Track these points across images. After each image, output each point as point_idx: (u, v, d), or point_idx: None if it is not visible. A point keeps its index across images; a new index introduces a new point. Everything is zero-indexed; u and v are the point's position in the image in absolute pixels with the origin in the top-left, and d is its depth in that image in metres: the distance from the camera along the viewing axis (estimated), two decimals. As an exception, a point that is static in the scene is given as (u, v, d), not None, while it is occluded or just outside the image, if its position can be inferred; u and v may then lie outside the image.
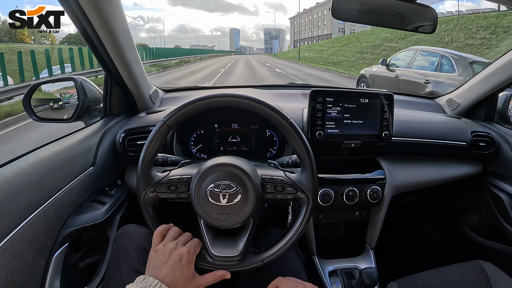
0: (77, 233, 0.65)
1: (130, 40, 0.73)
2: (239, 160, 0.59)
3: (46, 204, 0.58)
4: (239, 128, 0.89)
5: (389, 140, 0.82)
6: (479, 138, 0.95)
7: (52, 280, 0.60)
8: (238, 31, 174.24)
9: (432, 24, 0.79)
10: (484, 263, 0.84)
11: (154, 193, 0.58)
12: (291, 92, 1.13)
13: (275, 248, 0.58)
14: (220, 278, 0.57)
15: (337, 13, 0.79)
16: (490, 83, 0.97)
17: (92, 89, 0.84)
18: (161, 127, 0.57)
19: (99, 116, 0.87)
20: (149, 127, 0.81)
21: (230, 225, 0.56)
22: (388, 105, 0.81)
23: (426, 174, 0.93)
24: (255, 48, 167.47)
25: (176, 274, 0.52)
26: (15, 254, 0.50)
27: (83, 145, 0.73)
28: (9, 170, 0.55)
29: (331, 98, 0.78)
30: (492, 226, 1.03)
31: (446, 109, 1.12)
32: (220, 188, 0.55)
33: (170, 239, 0.57)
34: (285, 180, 0.59)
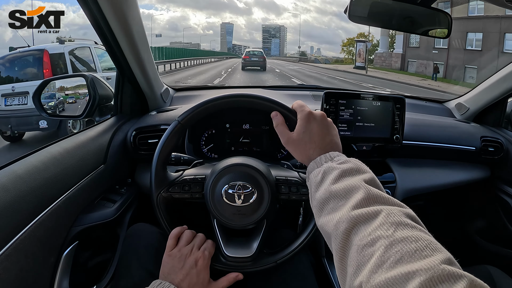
0: (87, 231, 0.64)
1: (144, 38, 0.73)
2: (254, 161, 0.59)
3: (57, 202, 0.57)
4: (250, 129, 0.89)
5: (400, 143, 0.82)
6: (488, 143, 0.95)
7: (62, 278, 0.59)
8: (231, 26, 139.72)
9: (446, 28, 0.80)
10: (491, 268, 0.84)
11: (167, 193, 0.58)
12: (302, 93, 1.13)
13: (288, 249, 0.58)
14: (234, 281, 0.57)
15: (352, 16, 0.79)
16: (500, 88, 0.97)
17: (103, 87, 0.84)
18: (176, 126, 0.56)
19: (109, 113, 0.86)
20: (160, 125, 0.81)
21: (244, 225, 0.56)
22: (400, 108, 0.80)
23: (435, 178, 0.93)
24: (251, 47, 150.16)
25: (192, 279, 0.52)
26: (26, 252, 0.49)
27: (94, 142, 0.72)
28: (21, 166, 0.54)
29: (344, 100, 0.77)
30: (499, 231, 1.03)
31: (455, 113, 1.12)
32: (235, 188, 0.55)
33: (185, 243, 0.56)
34: (300, 181, 0.59)
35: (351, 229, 0.33)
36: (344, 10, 0.75)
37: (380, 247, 0.29)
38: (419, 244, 0.28)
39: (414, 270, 0.26)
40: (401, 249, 0.28)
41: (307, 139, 0.47)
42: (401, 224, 0.31)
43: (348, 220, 0.34)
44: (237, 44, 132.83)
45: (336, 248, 0.34)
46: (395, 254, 0.28)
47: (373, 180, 0.40)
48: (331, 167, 0.42)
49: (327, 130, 0.49)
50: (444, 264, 0.26)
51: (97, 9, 0.60)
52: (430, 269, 0.25)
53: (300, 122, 0.49)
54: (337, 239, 0.34)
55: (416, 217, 0.34)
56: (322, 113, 0.50)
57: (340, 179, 0.40)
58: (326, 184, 0.40)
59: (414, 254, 0.27)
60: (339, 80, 13.91)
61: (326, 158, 0.44)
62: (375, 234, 0.31)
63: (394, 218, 0.32)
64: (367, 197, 0.36)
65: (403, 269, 0.26)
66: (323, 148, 0.46)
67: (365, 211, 0.34)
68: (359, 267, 0.30)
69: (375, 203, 0.35)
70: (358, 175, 0.40)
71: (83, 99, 0.82)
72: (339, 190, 0.38)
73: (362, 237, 0.32)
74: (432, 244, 0.29)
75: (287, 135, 0.50)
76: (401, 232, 0.30)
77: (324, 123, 0.49)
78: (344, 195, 0.37)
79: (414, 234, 0.30)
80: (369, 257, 0.30)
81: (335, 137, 0.49)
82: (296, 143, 0.48)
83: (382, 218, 0.32)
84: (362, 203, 0.35)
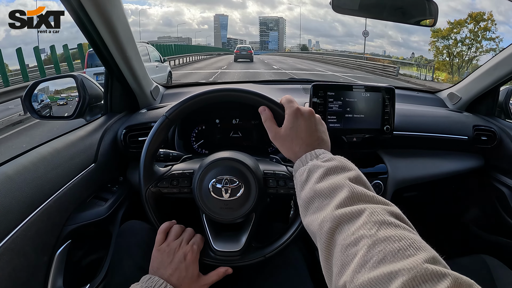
0: (80, 230, 0.64)
1: (130, 36, 0.73)
2: (241, 155, 0.59)
3: (48, 202, 0.57)
4: (240, 123, 0.89)
5: (390, 134, 0.82)
6: (481, 132, 0.95)
7: (55, 277, 0.59)
8: (225, 18, 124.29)
9: (433, 18, 0.79)
10: (487, 257, 0.84)
11: (156, 187, 0.58)
12: (292, 87, 1.13)
13: (277, 243, 0.59)
14: (224, 275, 0.58)
15: (337, 8, 0.79)
16: (492, 77, 0.97)
17: (93, 86, 0.84)
18: (163, 121, 0.56)
19: (100, 113, 0.86)
20: (150, 123, 0.81)
21: (232, 220, 0.56)
22: (390, 98, 0.80)
23: (428, 168, 0.93)
24: (248, 42, 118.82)
25: (182, 273, 0.53)
26: (18, 251, 0.50)
27: (84, 142, 0.72)
28: (11, 167, 0.55)
29: (332, 92, 0.77)
30: (494, 220, 1.03)
31: (447, 103, 1.12)
32: (222, 182, 0.55)
33: (174, 237, 0.57)
34: (287, 175, 0.59)
35: (335, 229, 0.33)
36: (330, 1, 0.74)
37: (363, 247, 0.29)
38: (402, 243, 0.28)
39: (397, 270, 0.25)
40: (384, 248, 0.28)
41: (294, 135, 0.47)
42: (384, 223, 0.31)
43: (332, 220, 0.34)
44: (232, 38, 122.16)
45: (321, 247, 0.34)
46: (378, 253, 0.28)
47: (358, 177, 0.40)
48: (316, 165, 0.42)
49: (315, 126, 0.48)
50: (428, 263, 0.26)
51: (80, 8, 0.60)
52: (413, 268, 0.25)
53: (287, 117, 0.49)
54: (321, 239, 0.34)
55: (401, 215, 0.34)
56: (310, 109, 0.50)
57: (325, 177, 0.40)
58: (311, 183, 0.40)
59: (397, 253, 0.27)
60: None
61: (311, 156, 0.44)
62: (358, 233, 0.31)
63: (378, 217, 0.32)
64: (351, 195, 0.36)
65: (386, 269, 0.26)
66: (310, 144, 0.46)
67: (348, 210, 0.34)
68: (343, 266, 0.30)
69: (359, 202, 0.35)
70: (342, 173, 0.40)
71: (72, 101, 0.82)
72: (323, 189, 0.38)
73: (346, 237, 0.32)
74: (416, 243, 0.28)
75: (275, 130, 0.50)
76: (384, 231, 0.30)
77: (312, 120, 0.49)
78: (328, 194, 0.37)
79: (397, 233, 0.29)
80: (352, 256, 0.30)
81: (322, 134, 0.49)
82: (283, 138, 0.48)
83: (365, 217, 0.32)
84: (346, 202, 0.35)
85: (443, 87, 1.19)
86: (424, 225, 1.26)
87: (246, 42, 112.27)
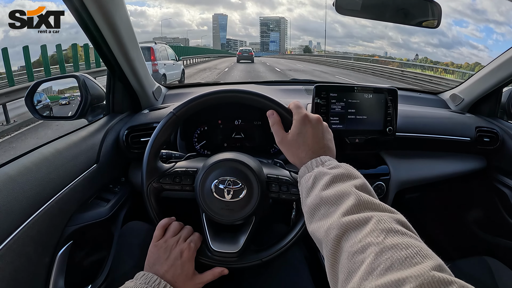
0: (82, 231, 0.64)
1: (132, 37, 0.73)
2: (245, 157, 0.58)
3: (50, 202, 0.57)
4: (242, 124, 0.89)
5: (393, 135, 0.81)
6: (483, 134, 0.95)
7: (57, 278, 0.59)
8: (224, 18, 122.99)
9: (436, 19, 0.79)
10: (489, 259, 0.84)
11: (158, 183, 0.58)
12: (295, 88, 1.13)
13: (275, 248, 0.58)
14: (219, 275, 0.57)
15: (340, 9, 0.78)
16: (494, 78, 0.96)
17: (95, 87, 0.84)
18: (171, 118, 0.56)
19: (102, 113, 0.86)
20: (152, 123, 0.81)
21: (232, 221, 0.56)
22: (392, 100, 0.80)
23: (430, 169, 0.93)
24: (248, 43, 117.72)
25: (177, 270, 0.52)
26: (19, 252, 0.50)
27: (86, 142, 0.72)
28: (13, 168, 0.55)
29: (335, 94, 0.77)
30: (496, 222, 1.03)
31: (450, 104, 1.12)
32: (225, 183, 0.55)
33: (172, 234, 0.56)
34: (290, 181, 0.59)
35: (342, 236, 0.33)
36: (333, 3, 0.74)
37: (370, 254, 0.29)
38: (409, 251, 0.28)
39: (404, 277, 0.25)
40: (391, 256, 0.28)
41: (301, 141, 0.48)
42: (391, 230, 0.31)
43: (339, 227, 0.34)
44: (232, 39, 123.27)
45: (327, 254, 0.34)
46: (385, 261, 0.28)
47: (364, 185, 0.40)
48: (322, 172, 0.42)
49: (322, 134, 0.49)
50: (434, 270, 0.26)
51: (83, 8, 0.60)
52: (420, 276, 0.25)
53: (295, 123, 0.50)
54: (328, 246, 0.34)
55: (407, 223, 0.34)
56: (318, 116, 0.51)
57: (331, 185, 0.40)
58: (317, 190, 0.41)
59: (404, 261, 0.27)
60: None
61: (317, 163, 0.44)
62: (365, 241, 0.31)
63: (385, 225, 0.32)
64: (357, 203, 0.36)
65: (393, 276, 0.26)
66: (316, 151, 0.47)
67: (355, 218, 0.34)
68: (349, 274, 0.30)
69: (366, 210, 0.35)
70: (349, 181, 0.40)
71: (75, 100, 0.82)
72: (329, 196, 0.38)
73: (353, 244, 0.31)
74: (423, 251, 0.29)
75: (282, 135, 0.51)
76: (391, 239, 0.30)
77: (319, 127, 0.49)
78: (335, 201, 0.37)
79: (404, 241, 0.30)
80: (359, 264, 0.30)
81: (329, 142, 0.49)
82: (290, 144, 0.49)
83: (372, 225, 0.32)
84: (353, 209, 0.35)
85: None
86: (426, 227, 1.26)
87: (247, 44, 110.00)
